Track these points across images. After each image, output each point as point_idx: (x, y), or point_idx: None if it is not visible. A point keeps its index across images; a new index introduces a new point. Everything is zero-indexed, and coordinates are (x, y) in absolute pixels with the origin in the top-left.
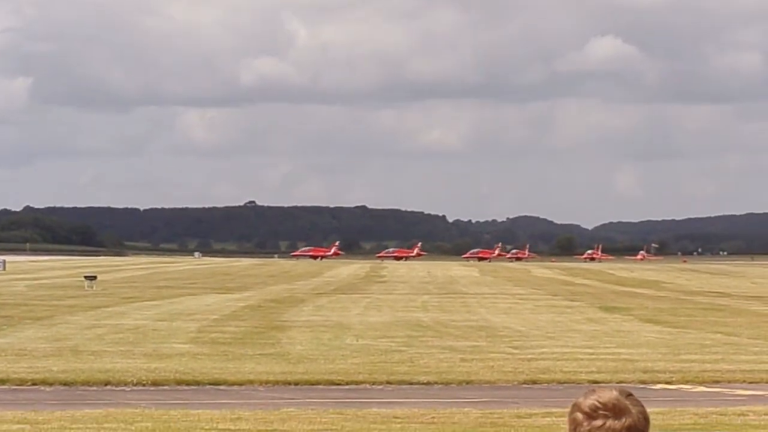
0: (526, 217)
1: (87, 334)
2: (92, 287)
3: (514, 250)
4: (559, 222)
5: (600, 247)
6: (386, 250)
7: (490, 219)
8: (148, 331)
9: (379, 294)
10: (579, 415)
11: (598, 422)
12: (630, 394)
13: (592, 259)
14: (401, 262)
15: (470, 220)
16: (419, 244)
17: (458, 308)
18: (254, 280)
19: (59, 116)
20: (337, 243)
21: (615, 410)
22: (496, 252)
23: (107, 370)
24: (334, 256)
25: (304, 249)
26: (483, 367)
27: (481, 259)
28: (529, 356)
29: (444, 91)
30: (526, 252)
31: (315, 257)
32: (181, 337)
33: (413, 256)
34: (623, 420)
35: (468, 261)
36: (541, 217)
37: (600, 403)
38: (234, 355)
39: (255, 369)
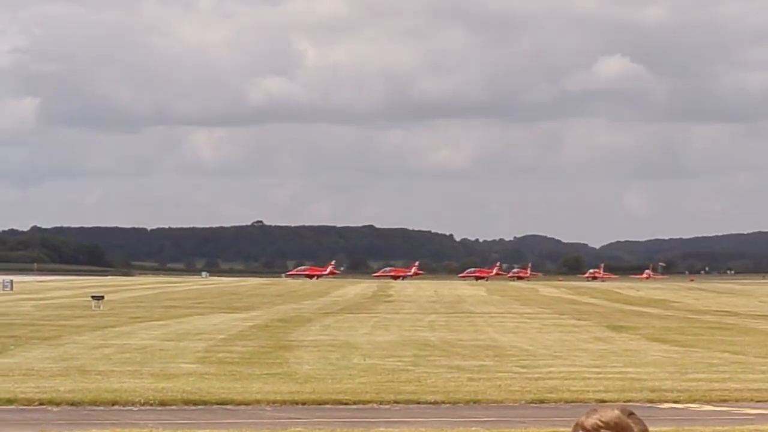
0: (533, 236)
1: (94, 353)
2: (99, 307)
3: (515, 269)
4: (566, 241)
5: (603, 266)
6: (383, 270)
7: (497, 238)
8: (156, 350)
9: (386, 313)
10: None
11: None
12: (632, 413)
13: (594, 278)
14: (399, 281)
15: (477, 239)
16: (416, 264)
17: (465, 327)
18: (261, 299)
19: (67, 136)
20: (333, 262)
21: (617, 429)
22: (494, 271)
23: (114, 390)
24: (330, 275)
25: (300, 268)
26: (490, 386)
27: (478, 278)
28: (537, 375)
29: (452, 110)
30: (528, 271)
31: (311, 276)
32: (188, 356)
33: (410, 276)
34: None
35: (465, 280)
36: (549, 236)
37: (602, 421)
38: (241, 374)
39: (262, 389)
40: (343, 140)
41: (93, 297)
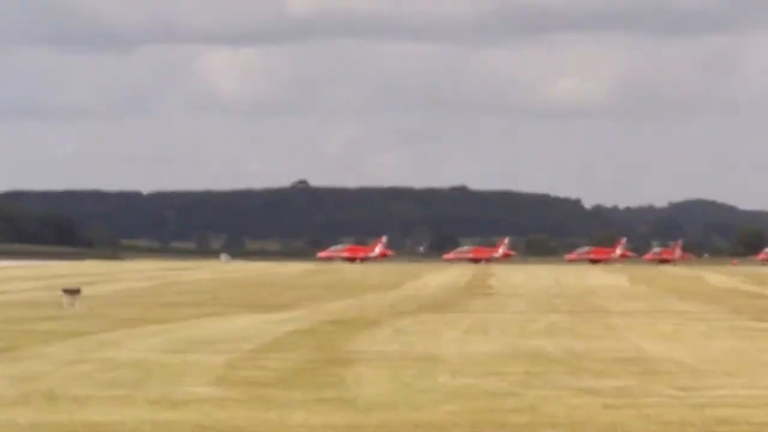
0: (696, 201)
1: (68, 372)
2: (74, 305)
3: (657, 249)
4: (743, 208)
5: None
6: (457, 250)
7: (645, 204)
8: (154, 367)
9: (484, 312)
10: None
11: None
12: None
13: None
14: (482, 264)
15: (617, 206)
16: (505, 241)
17: (599, 332)
18: (306, 293)
19: (28, 60)
20: (383, 239)
21: None
22: (618, 251)
23: (96, 424)
24: (380, 258)
25: (334, 248)
26: (635, 416)
27: (594, 261)
28: (702, 401)
29: (578, 21)
30: (678, 251)
31: (352, 259)
32: (201, 376)
33: (498, 258)
34: None
35: (574, 264)
36: (719, 201)
37: None
38: (277, 400)
39: (307, 420)
40: (422, 65)
41: (65, 291)
